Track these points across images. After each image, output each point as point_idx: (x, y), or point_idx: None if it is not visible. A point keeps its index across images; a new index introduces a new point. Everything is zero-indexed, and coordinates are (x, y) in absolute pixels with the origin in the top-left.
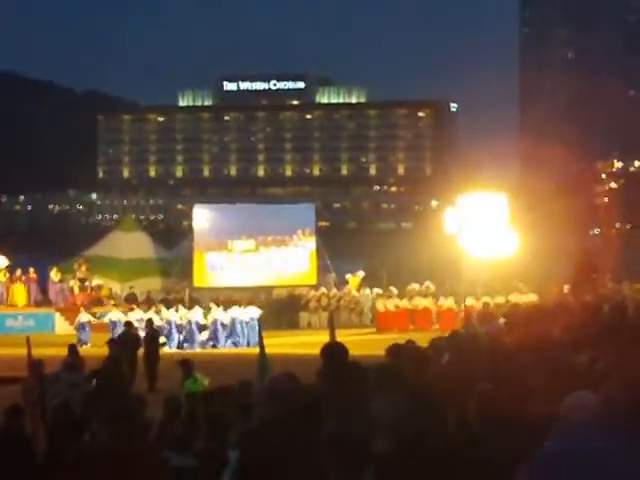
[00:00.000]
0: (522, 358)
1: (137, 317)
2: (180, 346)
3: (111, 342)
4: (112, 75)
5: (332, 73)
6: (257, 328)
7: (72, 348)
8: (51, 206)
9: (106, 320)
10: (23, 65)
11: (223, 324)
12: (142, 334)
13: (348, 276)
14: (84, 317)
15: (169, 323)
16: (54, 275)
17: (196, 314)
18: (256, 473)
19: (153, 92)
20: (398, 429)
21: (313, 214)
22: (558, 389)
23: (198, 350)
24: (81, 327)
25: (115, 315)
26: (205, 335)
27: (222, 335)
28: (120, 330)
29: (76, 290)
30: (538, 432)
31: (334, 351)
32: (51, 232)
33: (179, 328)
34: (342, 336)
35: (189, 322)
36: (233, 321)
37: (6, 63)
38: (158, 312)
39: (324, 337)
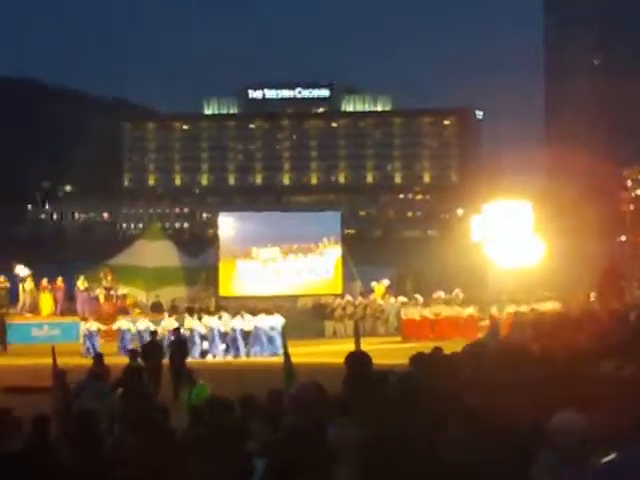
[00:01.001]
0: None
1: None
2: (203, 355)
3: (132, 352)
4: (137, 83)
5: (358, 81)
6: (280, 337)
7: (98, 357)
8: (77, 215)
9: (133, 329)
10: (48, 72)
11: (244, 333)
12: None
13: (373, 284)
14: (92, 326)
15: (192, 332)
16: (80, 284)
17: (217, 323)
18: None
19: (178, 100)
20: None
21: (339, 222)
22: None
23: (219, 359)
24: (88, 336)
25: (143, 324)
26: (229, 343)
27: (242, 344)
28: (146, 338)
29: (102, 299)
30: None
31: (358, 360)
32: (77, 241)
33: (203, 337)
34: (367, 344)
35: (211, 330)
36: (256, 330)
37: (31, 70)
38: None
39: (350, 346)
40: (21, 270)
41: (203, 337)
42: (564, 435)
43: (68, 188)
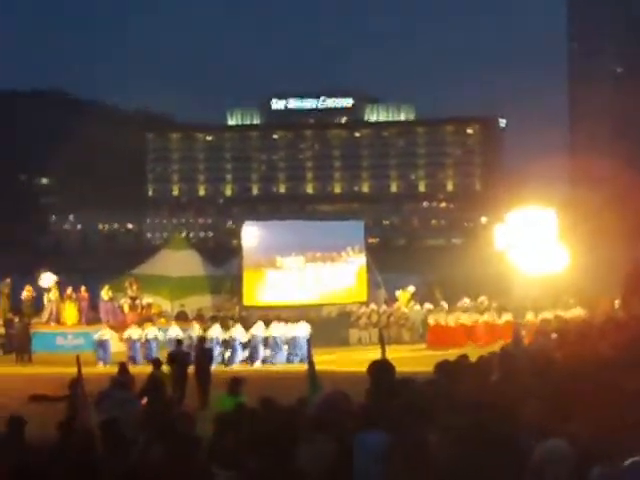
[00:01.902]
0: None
1: (186, 335)
2: (226, 363)
3: (154, 361)
4: (160, 93)
5: (380, 90)
6: (306, 345)
7: (122, 366)
8: (101, 225)
9: (166, 337)
10: (71, 83)
11: (265, 341)
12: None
13: (398, 292)
14: (105, 334)
15: (215, 340)
16: (105, 294)
17: (239, 331)
18: None
19: (202, 111)
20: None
21: (362, 231)
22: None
23: (256, 366)
24: (100, 345)
25: (174, 331)
26: (253, 352)
27: (262, 352)
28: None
29: (126, 309)
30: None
31: (381, 369)
32: (101, 251)
33: (225, 345)
34: (392, 352)
35: (233, 339)
36: (281, 338)
37: (54, 81)
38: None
39: (375, 354)
40: (46, 279)
41: (225, 345)
42: (554, 464)
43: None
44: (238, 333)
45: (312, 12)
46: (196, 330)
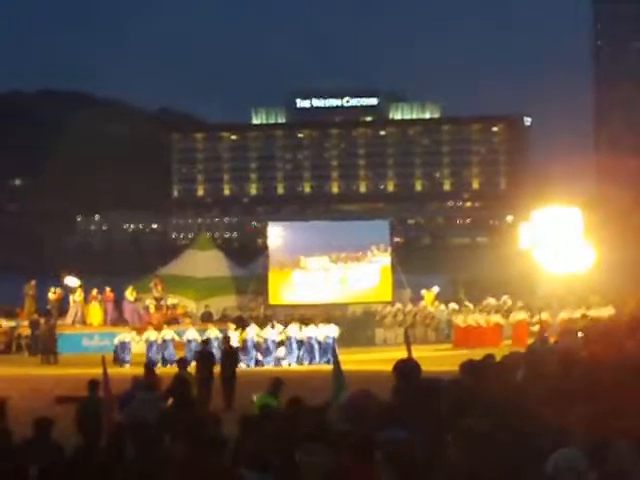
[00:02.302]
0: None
1: (213, 335)
2: (257, 363)
3: (180, 361)
4: (185, 93)
5: (405, 89)
6: (333, 346)
7: (148, 367)
8: (126, 225)
9: (183, 339)
10: (95, 84)
11: (298, 341)
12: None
13: (423, 292)
14: (126, 337)
15: (245, 341)
16: (129, 294)
17: (271, 332)
18: None
19: (226, 110)
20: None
21: (387, 230)
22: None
23: (272, 366)
24: (121, 347)
25: (191, 333)
26: (282, 352)
27: (296, 353)
28: (196, 348)
29: (152, 309)
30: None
31: (406, 368)
32: (126, 251)
33: (256, 346)
34: (418, 352)
35: (265, 340)
36: (309, 339)
37: (78, 82)
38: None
39: (400, 353)
40: (70, 281)
41: (257, 346)
42: (566, 472)
43: (117, 199)
44: (272, 334)
45: (338, 11)
46: (232, 330)
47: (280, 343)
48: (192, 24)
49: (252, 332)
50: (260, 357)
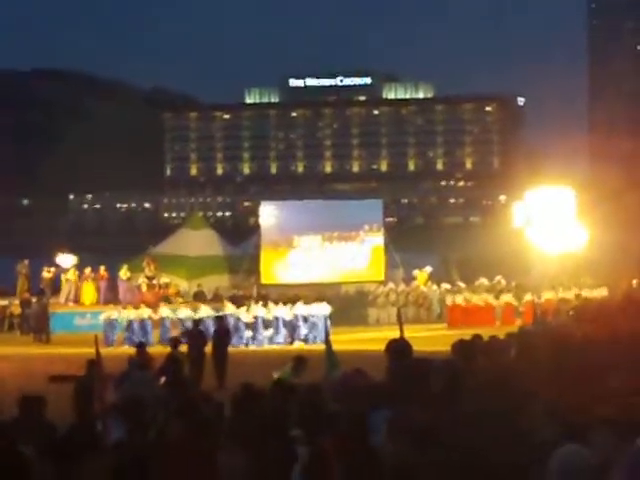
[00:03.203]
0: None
1: (205, 314)
2: (247, 343)
3: (172, 340)
4: (178, 72)
5: (399, 68)
6: (324, 325)
7: (140, 347)
8: (119, 204)
9: (177, 317)
10: (89, 63)
11: (285, 321)
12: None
13: (416, 272)
14: (113, 314)
15: (237, 320)
16: (123, 273)
17: (260, 311)
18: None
19: (219, 90)
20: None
21: (380, 210)
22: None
23: (265, 346)
24: (109, 326)
25: (185, 312)
26: (270, 332)
27: (288, 331)
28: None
29: (144, 288)
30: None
31: (398, 348)
32: (119, 230)
33: (247, 325)
34: (411, 332)
35: (255, 318)
36: (297, 317)
37: (71, 61)
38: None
39: (393, 333)
40: (64, 260)
41: (247, 325)
42: (573, 474)
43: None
44: (262, 312)
45: None
46: (230, 309)
47: (269, 322)
48: (187, 4)
49: (243, 311)
50: (251, 336)
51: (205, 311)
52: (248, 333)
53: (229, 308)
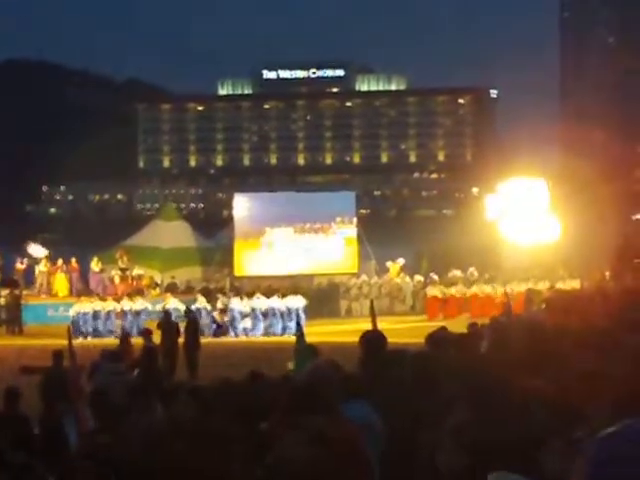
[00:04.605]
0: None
1: (174, 306)
2: (216, 334)
3: (146, 332)
4: (150, 63)
5: (372, 61)
6: (298, 317)
7: (123, 337)
8: (91, 196)
9: (148, 309)
10: (60, 53)
11: (262, 313)
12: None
13: (389, 263)
14: (86, 307)
15: (208, 311)
16: (95, 265)
17: (237, 303)
18: None
19: (192, 81)
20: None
21: (353, 202)
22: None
23: (239, 338)
24: (80, 318)
25: (156, 304)
26: (247, 323)
27: (261, 324)
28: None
29: (117, 280)
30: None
31: (372, 339)
32: (92, 222)
33: (221, 317)
34: (384, 324)
35: (231, 310)
36: (272, 310)
37: (45, 52)
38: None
39: (365, 325)
40: (36, 250)
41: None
42: None
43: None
44: (237, 305)
45: None
46: (202, 302)
47: (245, 315)
48: None
49: (238, 304)
50: (221, 328)
51: (177, 303)
52: (224, 324)
53: (200, 300)
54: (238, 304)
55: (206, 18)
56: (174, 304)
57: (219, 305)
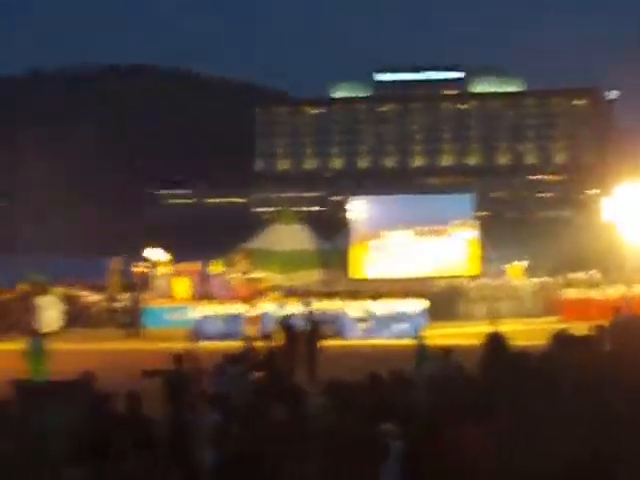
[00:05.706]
0: None
1: (294, 309)
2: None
3: (266, 336)
4: (267, 67)
5: (489, 62)
6: (420, 320)
7: (247, 341)
8: (211, 200)
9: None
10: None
11: (380, 316)
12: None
13: (509, 265)
14: (207, 310)
15: (326, 314)
16: (215, 268)
17: (353, 306)
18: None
19: (308, 84)
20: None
21: (469, 204)
22: None
23: (356, 341)
24: (203, 321)
25: (277, 307)
26: (363, 326)
27: (379, 327)
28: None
29: (239, 283)
30: None
31: (495, 341)
32: (212, 225)
33: (335, 319)
34: (505, 326)
35: (345, 314)
36: (390, 313)
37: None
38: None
39: (485, 327)
40: (156, 254)
41: (337, 320)
42: None
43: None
44: (354, 307)
45: None
46: (321, 305)
47: (362, 318)
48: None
49: (335, 306)
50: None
51: (296, 306)
52: (342, 327)
53: (321, 303)
54: (355, 308)
55: (323, 21)
56: (294, 307)
57: (337, 308)
